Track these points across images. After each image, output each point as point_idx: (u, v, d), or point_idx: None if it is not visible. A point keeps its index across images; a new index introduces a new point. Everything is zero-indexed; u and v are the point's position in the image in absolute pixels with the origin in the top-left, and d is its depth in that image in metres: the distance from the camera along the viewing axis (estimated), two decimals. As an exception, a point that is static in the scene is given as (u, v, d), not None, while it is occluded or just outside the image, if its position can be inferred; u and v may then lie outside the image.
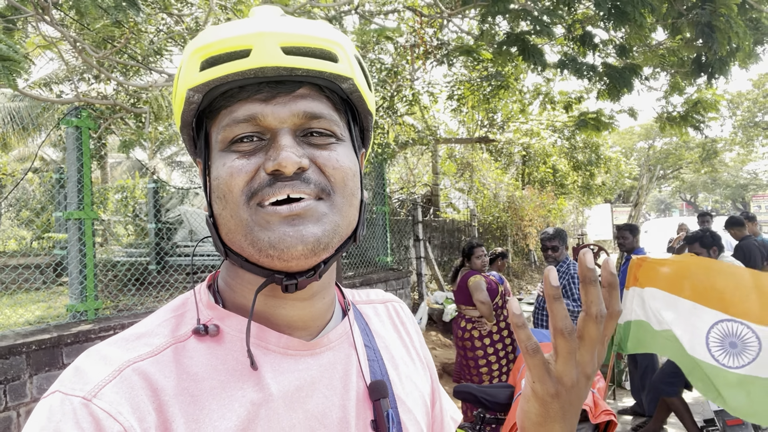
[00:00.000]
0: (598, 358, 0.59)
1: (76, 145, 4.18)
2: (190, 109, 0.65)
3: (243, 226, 0.61)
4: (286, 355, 0.66)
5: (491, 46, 5.34)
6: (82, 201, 4.21)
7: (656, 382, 4.36)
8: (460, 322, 4.34)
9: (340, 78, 0.65)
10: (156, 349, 0.61)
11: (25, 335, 3.82)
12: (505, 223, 11.97)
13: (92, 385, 0.56)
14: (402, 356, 0.81)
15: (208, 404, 0.60)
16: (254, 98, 0.62)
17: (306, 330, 0.69)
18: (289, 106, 0.62)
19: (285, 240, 0.59)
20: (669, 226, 17.43)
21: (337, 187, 0.64)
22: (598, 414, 2.43)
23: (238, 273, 0.67)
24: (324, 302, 0.71)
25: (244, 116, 0.62)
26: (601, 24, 5.23)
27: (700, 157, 22.96)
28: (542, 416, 0.61)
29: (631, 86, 5.22)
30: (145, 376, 0.58)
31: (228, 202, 0.62)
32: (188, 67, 0.63)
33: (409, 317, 0.90)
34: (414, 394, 0.78)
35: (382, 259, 8.02)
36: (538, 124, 12.38)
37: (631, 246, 5.18)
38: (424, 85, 6.71)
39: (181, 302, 0.69)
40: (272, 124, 0.62)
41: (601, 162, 14.85)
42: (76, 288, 4.20)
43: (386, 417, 0.69)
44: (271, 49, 0.61)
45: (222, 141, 0.63)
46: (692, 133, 7.55)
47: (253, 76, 0.61)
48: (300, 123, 0.63)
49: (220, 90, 0.63)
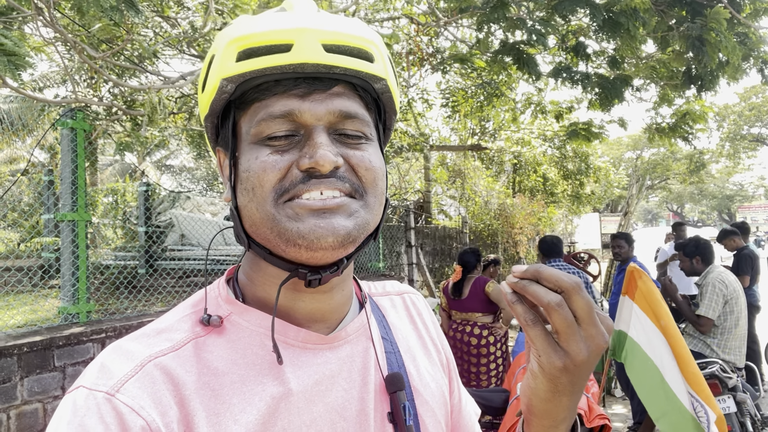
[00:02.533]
0: (606, 325, 0.57)
1: (71, 147, 4.16)
2: (221, 98, 0.64)
3: (270, 219, 0.61)
4: (305, 349, 0.66)
5: (486, 55, 5.41)
6: (76, 203, 4.19)
7: (646, 388, 4.39)
8: (472, 330, 4.31)
9: (374, 78, 0.66)
10: (177, 344, 0.62)
11: (17, 337, 3.79)
12: (496, 231, 12.03)
13: (115, 380, 0.57)
14: (419, 348, 0.82)
15: (229, 398, 0.60)
16: (291, 93, 0.62)
17: (324, 323, 0.70)
18: (326, 103, 0.62)
19: (315, 231, 0.60)
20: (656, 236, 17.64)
21: (368, 187, 0.65)
22: (593, 418, 2.46)
23: (261, 266, 0.68)
24: (343, 294, 0.71)
25: (280, 111, 0.61)
26: (593, 35, 5.31)
27: (687, 169, 23.25)
28: (551, 391, 0.59)
29: (622, 97, 5.30)
30: (166, 371, 0.59)
31: (256, 196, 0.62)
32: (223, 56, 0.62)
33: (425, 308, 0.90)
34: (431, 385, 0.78)
35: (374, 264, 8.03)
36: (529, 133, 12.49)
37: (626, 255, 5.23)
38: (419, 92, 6.76)
39: (200, 297, 0.69)
40: (308, 121, 0.62)
41: (590, 171, 15.00)
42: (68, 290, 4.17)
43: (403, 409, 0.69)
44: (312, 45, 0.61)
45: (255, 134, 0.63)
46: (681, 144, 7.66)
47: (291, 71, 0.61)
48: (335, 121, 0.63)
49: (254, 82, 0.62)
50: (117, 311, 4.73)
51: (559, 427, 0.63)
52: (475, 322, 4.32)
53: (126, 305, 4.92)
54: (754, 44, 5.30)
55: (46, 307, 5.43)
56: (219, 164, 0.72)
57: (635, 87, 6.63)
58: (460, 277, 4.34)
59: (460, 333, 4.36)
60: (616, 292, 5.23)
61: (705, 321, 4.07)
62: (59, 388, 3.62)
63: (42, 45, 4.41)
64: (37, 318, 4.47)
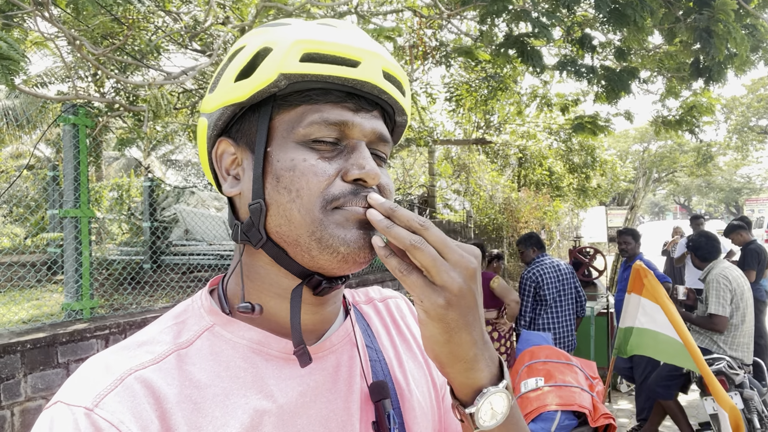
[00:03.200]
0: (467, 251, 0.59)
1: (73, 143, 4.15)
2: (269, 91, 0.64)
3: (313, 223, 0.62)
4: (289, 361, 0.66)
5: (490, 48, 5.35)
6: (79, 199, 4.18)
7: (652, 384, 4.36)
8: None
9: (402, 111, 0.71)
10: (158, 357, 0.61)
11: (20, 333, 3.79)
12: (501, 225, 11.98)
13: (94, 395, 0.56)
14: (404, 353, 0.81)
15: (211, 411, 0.60)
16: (344, 105, 0.65)
17: (313, 333, 0.70)
18: (371, 122, 0.66)
19: (359, 241, 0.62)
20: (663, 230, 17.52)
21: None
22: (598, 418, 2.44)
23: (260, 274, 0.67)
24: (334, 306, 0.72)
25: (336, 120, 0.64)
26: (599, 26, 5.25)
27: (695, 161, 23.09)
28: (446, 332, 0.58)
29: (629, 89, 5.24)
30: (147, 384, 0.58)
31: (302, 198, 0.62)
32: (287, 53, 0.63)
33: (409, 312, 0.89)
34: (417, 391, 0.78)
35: (377, 259, 8.01)
36: (535, 126, 12.41)
37: (633, 252, 5.18)
38: (423, 85, 6.71)
39: (182, 309, 0.69)
40: (356, 135, 0.65)
41: (596, 164, 14.89)
42: (71, 286, 4.17)
43: (387, 418, 0.69)
44: (377, 68, 0.65)
45: (304, 135, 0.64)
46: (688, 137, 7.60)
47: (350, 86, 0.64)
48: (373, 141, 0.67)
49: (306, 85, 0.64)
50: (122, 307, 4.74)
51: (475, 367, 0.60)
52: None
53: (130, 300, 4.92)
54: (763, 36, 5.22)
55: (51, 303, 5.45)
56: (214, 156, 0.70)
57: (642, 79, 6.56)
58: None
59: None
60: (621, 288, 5.19)
61: (719, 319, 4.01)
62: (62, 384, 3.63)
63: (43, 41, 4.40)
64: (42, 313, 4.48)
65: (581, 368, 2.75)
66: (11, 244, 9.59)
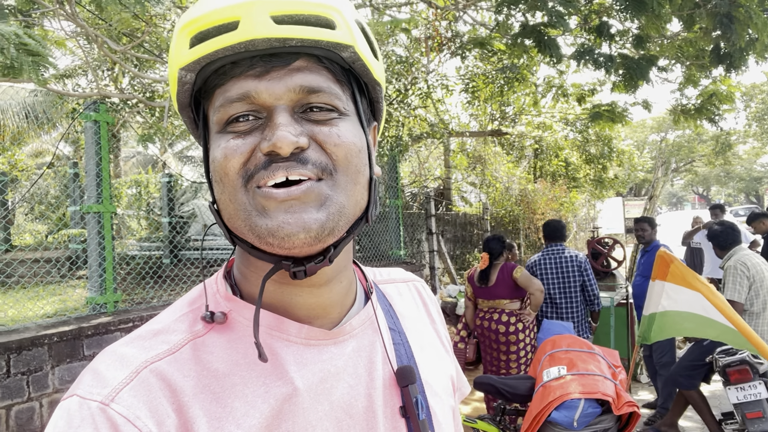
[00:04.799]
0: None
1: (95, 139, 4.21)
2: (184, 89, 0.61)
3: (242, 211, 0.58)
4: (309, 346, 0.64)
5: (507, 38, 5.32)
6: (101, 195, 4.25)
7: (674, 374, 4.34)
8: (500, 318, 4.28)
9: (339, 46, 0.60)
10: (174, 347, 0.60)
11: (47, 327, 3.87)
12: (517, 217, 11.93)
13: (110, 389, 0.55)
14: (427, 337, 0.79)
15: (231, 402, 0.58)
16: (247, 74, 0.58)
17: (327, 318, 0.67)
18: (285, 80, 0.58)
19: (284, 228, 0.56)
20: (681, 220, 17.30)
21: (339, 166, 0.59)
22: (621, 405, 2.43)
23: (250, 260, 0.65)
24: (342, 286, 0.68)
25: (237, 95, 0.58)
26: (617, 14, 5.19)
27: (713, 150, 22.74)
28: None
29: (647, 77, 5.18)
30: (163, 377, 0.57)
31: (226, 186, 0.59)
32: (178, 45, 0.59)
33: (431, 297, 0.87)
34: (441, 376, 0.77)
35: (396, 252, 8.03)
36: (551, 116, 12.32)
37: (650, 238, 5.18)
38: (439, 77, 6.69)
39: (197, 294, 0.66)
40: (267, 101, 0.58)
41: (613, 155, 14.75)
42: (95, 281, 4.25)
43: (415, 403, 0.67)
44: (260, 18, 0.56)
45: (218, 122, 0.59)
46: (707, 125, 7.50)
47: (243, 50, 0.57)
48: (298, 98, 0.58)
49: (212, 67, 0.58)
50: (143, 301, 4.82)
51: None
52: (502, 309, 4.28)
53: (152, 295, 5.00)
54: (785, 20, 5.12)
55: (74, 298, 5.55)
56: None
57: (660, 67, 6.48)
58: (487, 264, 4.31)
59: (487, 321, 4.32)
60: (639, 274, 5.17)
61: (735, 306, 3.99)
62: (89, 376, 3.70)
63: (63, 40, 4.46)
64: (66, 308, 4.56)
65: (604, 357, 2.75)
66: (34, 241, 9.77)
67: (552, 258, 4.64)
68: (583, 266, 4.59)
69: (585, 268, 4.58)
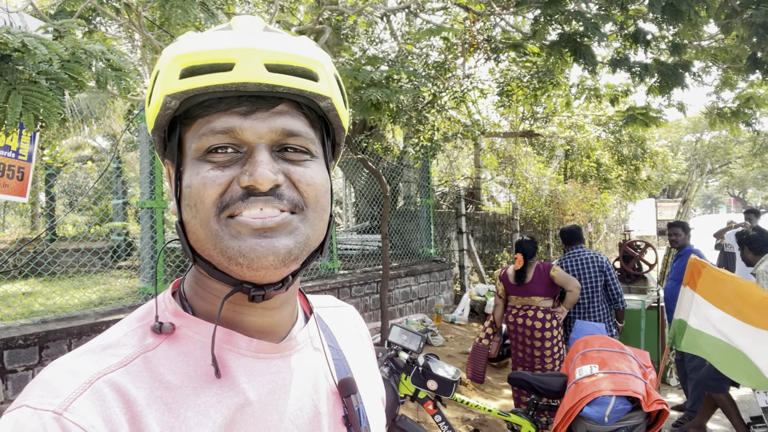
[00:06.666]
0: None
1: (149, 140, 4.46)
2: (165, 113, 0.65)
3: (213, 236, 0.62)
4: (258, 359, 0.67)
5: (543, 46, 5.40)
6: (154, 191, 4.49)
7: (704, 377, 4.38)
8: (535, 315, 4.43)
9: (319, 97, 0.66)
10: (125, 360, 0.60)
11: (104, 314, 4.15)
12: (547, 217, 11.94)
13: (63, 398, 0.54)
14: (361, 357, 0.85)
15: (184, 412, 0.59)
16: (233, 111, 0.62)
17: (274, 335, 0.70)
18: (268, 122, 0.63)
19: (256, 250, 0.60)
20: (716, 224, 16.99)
21: (309, 203, 0.65)
22: (651, 403, 2.55)
23: (206, 281, 0.68)
24: (290, 309, 0.73)
25: (222, 128, 0.62)
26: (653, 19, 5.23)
27: (750, 152, 22.22)
28: None
29: (683, 83, 5.22)
30: (116, 388, 0.57)
31: (198, 212, 0.62)
32: (167, 72, 0.63)
33: (360, 321, 0.93)
34: (375, 394, 0.83)
35: (426, 250, 8.18)
36: (583, 117, 12.27)
37: (683, 243, 5.23)
38: (475, 81, 6.80)
39: (146, 311, 0.68)
40: (250, 139, 0.62)
41: (647, 156, 14.59)
42: (147, 272, 4.50)
43: (357, 412, 0.72)
44: (255, 65, 0.61)
45: (197, 150, 0.63)
46: (743, 128, 7.45)
47: (234, 89, 0.62)
48: (277, 139, 0.63)
49: (198, 99, 0.63)
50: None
51: None
52: (537, 306, 4.44)
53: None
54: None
55: (118, 287, 5.84)
56: (168, 176, 0.72)
57: (696, 71, 6.48)
58: (522, 264, 4.49)
59: (521, 318, 4.49)
60: (672, 277, 5.22)
61: None
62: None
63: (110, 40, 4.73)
64: (110, 297, 4.82)
65: (635, 357, 2.87)
66: (76, 232, 10.17)
67: (573, 260, 4.78)
68: (605, 266, 4.72)
69: (607, 267, 4.72)
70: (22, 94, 1.67)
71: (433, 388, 3.00)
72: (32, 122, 1.72)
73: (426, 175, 8.24)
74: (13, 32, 1.66)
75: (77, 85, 1.88)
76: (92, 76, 2.14)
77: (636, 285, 6.70)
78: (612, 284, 4.71)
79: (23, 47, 1.67)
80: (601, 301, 4.72)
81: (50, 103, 1.71)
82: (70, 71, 1.85)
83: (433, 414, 3.13)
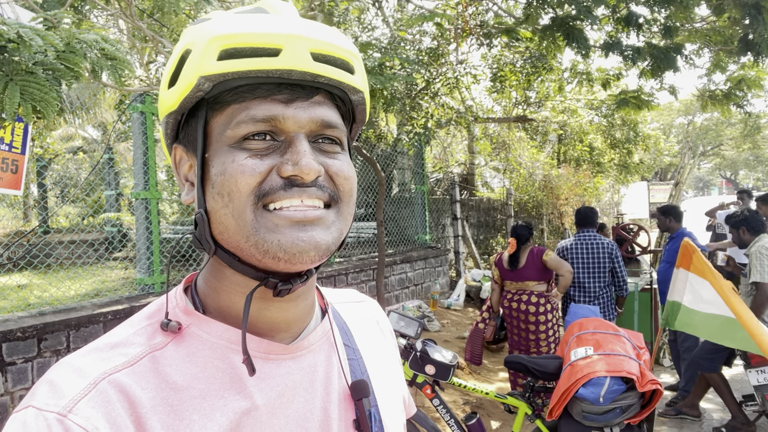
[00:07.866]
0: None
1: (141, 130, 4.44)
2: (195, 96, 0.62)
3: (247, 227, 0.60)
4: (268, 360, 0.65)
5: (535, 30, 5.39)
6: (148, 182, 4.48)
7: (696, 358, 4.46)
8: (529, 299, 4.48)
9: (354, 90, 0.66)
10: (132, 359, 0.60)
11: (101, 306, 4.15)
12: (540, 202, 12.00)
13: (67, 400, 0.54)
14: (381, 354, 0.82)
15: (189, 415, 0.58)
16: (274, 98, 0.61)
17: (288, 332, 0.69)
18: (309, 111, 0.62)
19: (298, 244, 0.59)
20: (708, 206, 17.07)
21: (344, 197, 0.65)
22: (645, 383, 2.60)
23: (225, 274, 0.65)
24: (307, 303, 0.71)
25: (263, 116, 0.60)
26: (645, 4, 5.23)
27: (742, 134, 22.33)
28: None
29: (675, 66, 5.23)
30: (121, 389, 0.57)
31: (233, 200, 0.60)
32: (204, 53, 0.60)
33: (383, 317, 0.90)
34: (393, 394, 0.80)
35: (421, 237, 8.20)
36: (576, 102, 12.28)
37: (672, 227, 5.28)
38: (468, 67, 6.78)
39: (156, 309, 0.66)
40: (291, 128, 0.61)
41: (639, 140, 14.65)
42: (144, 263, 4.50)
43: (368, 416, 0.69)
44: (302, 53, 0.60)
45: (232, 137, 0.61)
46: (734, 110, 7.49)
47: (277, 76, 0.60)
48: (315, 129, 0.62)
49: (233, 83, 0.60)
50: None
51: None
52: (531, 291, 4.50)
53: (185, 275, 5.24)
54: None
55: (114, 278, 5.84)
56: (174, 163, 0.69)
57: (688, 54, 6.49)
58: (515, 249, 4.52)
59: (516, 302, 4.54)
60: (665, 260, 5.28)
61: (761, 286, 4.08)
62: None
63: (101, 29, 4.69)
64: (106, 288, 4.83)
65: (629, 338, 2.91)
66: (69, 224, 10.13)
67: (583, 243, 4.80)
68: (614, 253, 4.76)
69: (616, 255, 4.76)
70: (20, 84, 1.67)
71: (431, 372, 3.04)
72: (30, 113, 1.72)
73: (420, 161, 8.24)
74: (8, 23, 1.66)
75: (74, 76, 1.87)
76: (87, 67, 2.13)
77: (629, 267, 6.77)
78: (619, 271, 4.76)
79: (18, 38, 1.66)
80: (606, 287, 4.78)
81: (48, 93, 1.71)
82: (66, 61, 1.85)
83: (431, 398, 3.17)
